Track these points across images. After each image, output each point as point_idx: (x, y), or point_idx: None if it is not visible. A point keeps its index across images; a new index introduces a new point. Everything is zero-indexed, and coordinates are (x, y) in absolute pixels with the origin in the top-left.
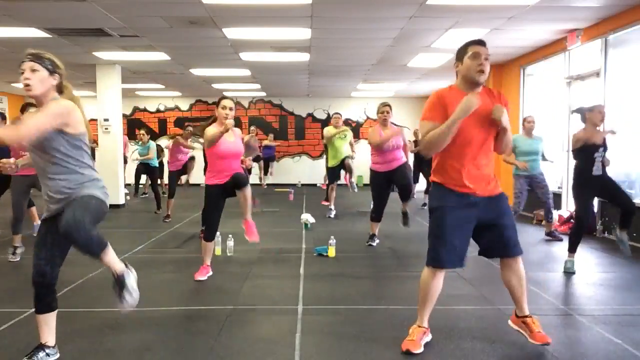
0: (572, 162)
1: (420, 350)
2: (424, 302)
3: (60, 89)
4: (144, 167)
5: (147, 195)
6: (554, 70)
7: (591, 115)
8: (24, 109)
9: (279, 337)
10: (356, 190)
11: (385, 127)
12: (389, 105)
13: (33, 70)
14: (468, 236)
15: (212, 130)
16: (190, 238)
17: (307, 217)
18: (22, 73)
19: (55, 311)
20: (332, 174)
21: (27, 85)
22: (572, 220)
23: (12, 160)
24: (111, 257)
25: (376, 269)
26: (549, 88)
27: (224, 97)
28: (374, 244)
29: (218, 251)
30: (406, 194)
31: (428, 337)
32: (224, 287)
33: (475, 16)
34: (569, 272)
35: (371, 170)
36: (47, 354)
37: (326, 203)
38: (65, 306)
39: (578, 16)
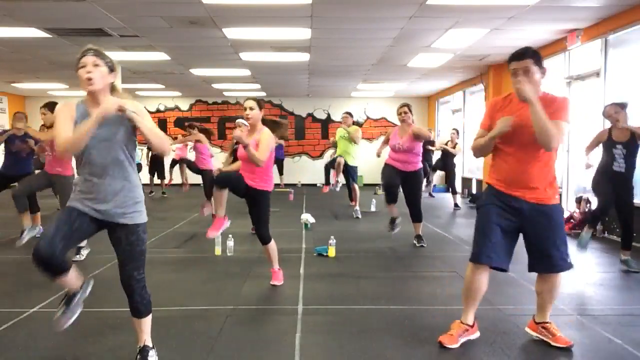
0: (573, 162)
1: (456, 345)
2: (465, 298)
3: (112, 88)
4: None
5: (153, 194)
6: (554, 70)
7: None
8: (51, 108)
9: (279, 337)
10: (338, 189)
11: (404, 127)
12: (406, 106)
13: (95, 65)
14: (512, 238)
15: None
16: (191, 238)
17: (307, 217)
18: (83, 67)
19: (68, 270)
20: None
21: (89, 79)
22: (572, 221)
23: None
24: (147, 324)
25: (376, 269)
26: (549, 88)
27: (248, 98)
28: (396, 229)
29: (218, 251)
30: (417, 214)
31: (473, 335)
32: (224, 287)
33: (475, 16)
34: (583, 247)
35: (385, 164)
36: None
37: (352, 203)
38: None
39: (578, 16)
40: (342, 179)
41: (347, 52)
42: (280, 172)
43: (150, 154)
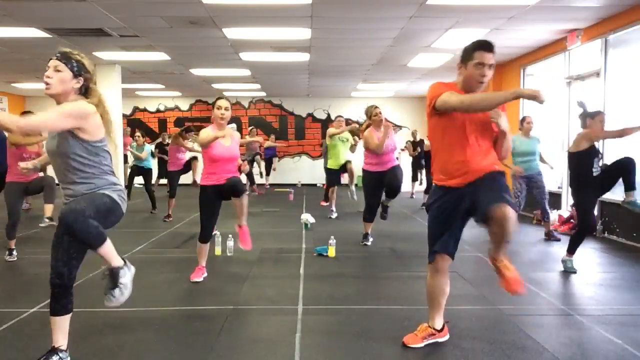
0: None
1: (419, 345)
2: (428, 302)
3: (85, 93)
4: (137, 169)
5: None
6: (554, 70)
7: (592, 123)
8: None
9: (279, 337)
10: (355, 198)
11: (379, 128)
12: (378, 107)
13: (57, 70)
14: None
15: (206, 132)
16: (191, 238)
17: (307, 217)
18: (47, 69)
19: (70, 314)
20: (331, 175)
21: (46, 83)
22: (572, 221)
23: (26, 164)
24: (109, 250)
25: (376, 269)
26: (549, 88)
27: (220, 97)
28: (369, 242)
29: (218, 251)
30: (393, 194)
31: (442, 339)
32: (224, 287)
33: (475, 16)
34: (569, 271)
35: (363, 170)
36: (60, 358)
37: (325, 204)
38: None
39: (578, 16)
40: (343, 179)
41: (347, 52)
42: (267, 173)
43: (157, 159)
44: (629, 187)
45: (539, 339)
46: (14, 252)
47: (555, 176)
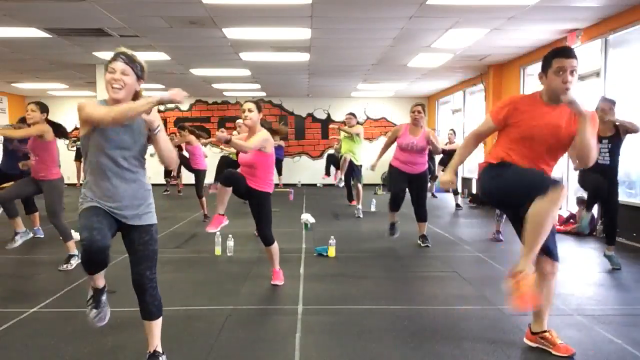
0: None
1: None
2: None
3: (136, 94)
4: None
5: (169, 192)
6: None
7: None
8: (43, 108)
9: (279, 337)
10: (361, 216)
11: (415, 127)
12: (421, 105)
13: (124, 74)
14: None
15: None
16: (191, 238)
17: (307, 217)
18: (111, 72)
19: (105, 267)
20: (332, 161)
21: (114, 88)
22: (572, 221)
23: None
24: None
25: (376, 269)
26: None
27: (247, 100)
28: (396, 234)
29: (218, 251)
30: (422, 214)
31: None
32: (224, 287)
33: (475, 16)
34: (584, 229)
35: (390, 166)
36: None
37: (353, 203)
38: (66, 306)
39: (578, 16)
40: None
41: (347, 52)
42: (279, 173)
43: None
44: (610, 242)
45: None
46: (18, 238)
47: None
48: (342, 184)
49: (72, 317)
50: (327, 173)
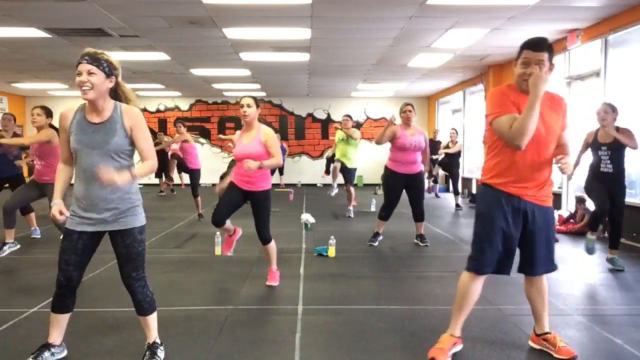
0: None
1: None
2: (458, 308)
3: (115, 90)
4: None
5: (164, 193)
6: (554, 70)
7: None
8: (47, 112)
9: (279, 337)
10: (352, 215)
11: (408, 126)
12: (410, 104)
13: (90, 74)
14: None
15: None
16: (191, 238)
17: (307, 217)
18: (79, 75)
19: (70, 313)
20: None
21: (83, 89)
22: (571, 221)
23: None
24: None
25: (376, 269)
26: (549, 88)
27: (245, 96)
28: (376, 243)
29: (218, 251)
30: (420, 214)
31: (458, 348)
32: (224, 287)
33: (475, 16)
34: (590, 252)
35: (387, 168)
36: (52, 354)
37: (355, 203)
38: None
39: (578, 16)
40: (341, 179)
41: (347, 52)
42: (281, 173)
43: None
44: (613, 246)
45: None
46: (6, 248)
47: (555, 176)
48: (334, 193)
49: (71, 317)
50: (328, 172)
